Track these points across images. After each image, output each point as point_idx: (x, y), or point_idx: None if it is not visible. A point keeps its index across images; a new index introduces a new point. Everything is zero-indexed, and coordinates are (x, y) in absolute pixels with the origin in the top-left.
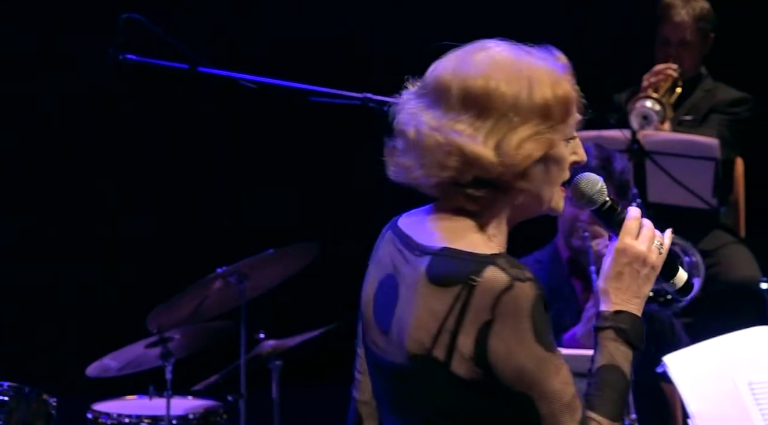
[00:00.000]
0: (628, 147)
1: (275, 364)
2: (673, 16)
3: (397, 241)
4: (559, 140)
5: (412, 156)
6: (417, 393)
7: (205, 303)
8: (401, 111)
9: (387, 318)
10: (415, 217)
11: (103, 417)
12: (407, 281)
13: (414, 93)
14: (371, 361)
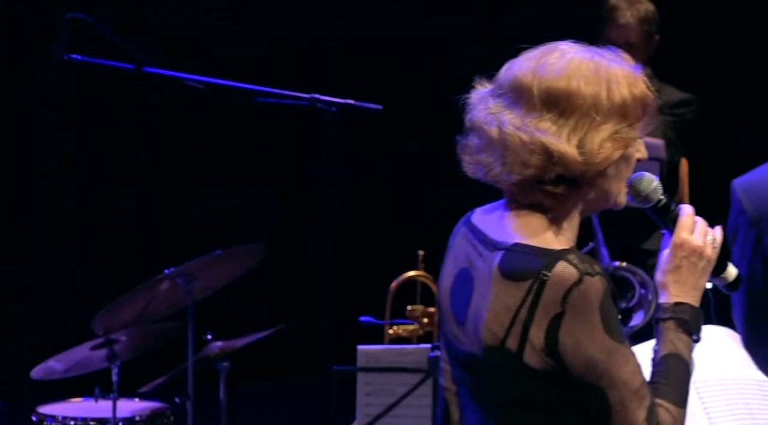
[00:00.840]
0: None
1: (223, 365)
2: (617, 18)
3: (471, 236)
4: (634, 139)
5: (493, 154)
6: (491, 383)
7: (151, 304)
8: (475, 109)
9: (463, 311)
10: (489, 213)
11: (48, 419)
12: (481, 276)
13: (488, 93)
14: (450, 351)
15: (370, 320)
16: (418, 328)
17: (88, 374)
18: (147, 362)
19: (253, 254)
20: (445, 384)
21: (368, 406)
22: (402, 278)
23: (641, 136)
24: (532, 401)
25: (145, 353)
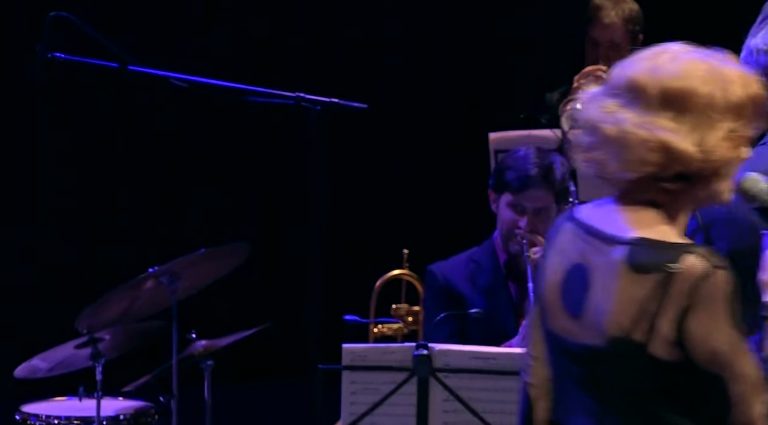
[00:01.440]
0: (558, 147)
1: (207, 364)
2: (602, 18)
3: (581, 232)
4: (748, 138)
5: (609, 151)
6: (614, 374)
7: (136, 303)
8: (588, 109)
9: (578, 304)
10: (597, 209)
11: (32, 418)
12: (601, 270)
13: (602, 93)
14: (555, 345)
15: (355, 318)
16: (403, 326)
17: (72, 372)
18: (131, 360)
19: (237, 253)
20: (531, 380)
21: (353, 404)
22: (386, 277)
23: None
24: (656, 391)
25: (129, 351)
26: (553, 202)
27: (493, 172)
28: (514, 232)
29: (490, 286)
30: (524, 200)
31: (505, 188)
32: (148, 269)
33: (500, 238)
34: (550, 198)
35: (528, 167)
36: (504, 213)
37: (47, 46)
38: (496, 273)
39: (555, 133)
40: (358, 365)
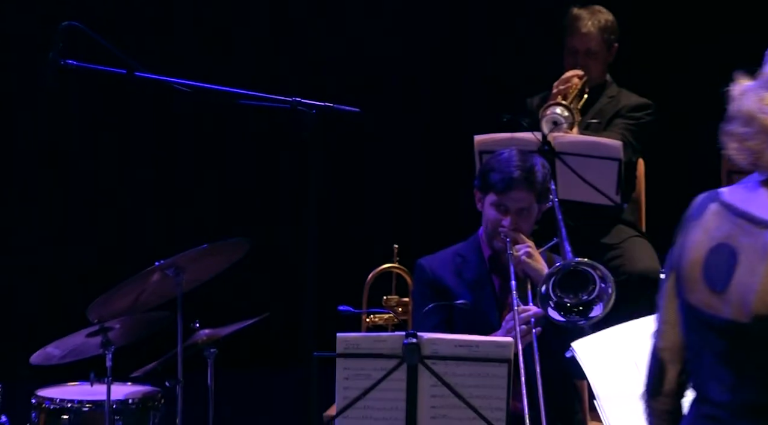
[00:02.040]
0: (539, 148)
1: (210, 352)
2: (580, 28)
3: (728, 214)
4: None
5: (765, 141)
6: (756, 350)
7: (143, 295)
8: (742, 100)
9: (722, 281)
10: (745, 193)
11: (47, 402)
12: (750, 251)
13: (757, 85)
14: (692, 316)
15: (348, 309)
16: (393, 317)
17: (84, 359)
18: (139, 348)
19: (238, 248)
20: (662, 344)
21: (346, 389)
22: (378, 270)
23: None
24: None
25: (137, 340)
26: (534, 202)
27: (479, 173)
28: (498, 230)
29: (475, 280)
30: (507, 201)
31: (490, 189)
32: (154, 263)
33: (485, 235)
34: (531, 199)
35: (511, 169)
36: (488, 212)
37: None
38: (480, 268)
39: (535, 135)
40: (352, 353)
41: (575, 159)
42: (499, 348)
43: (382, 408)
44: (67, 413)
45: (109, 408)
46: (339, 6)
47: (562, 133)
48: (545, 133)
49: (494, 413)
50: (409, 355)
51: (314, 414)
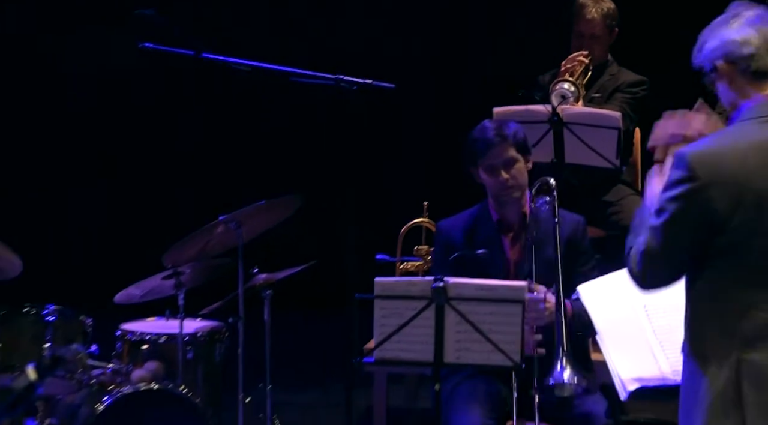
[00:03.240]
0: (549, 119)
1: (267, 293)
2: (585, 14)
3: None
4: None
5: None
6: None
7: (209, 244)
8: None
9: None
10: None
11: (129, 334)
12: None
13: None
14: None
15: (384, 257)
16: (423, 264)
17: (160, 299)
18: (206, 289)
19: (290, 204)
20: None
21: (383, 326)
22: (410, 224)
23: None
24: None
25: (204, 282)
26: (516, 153)
27: (463, 154)
28: (502, 193)
29: (485, 241)
30: (492, 160)
31: (476, 158)
32: (218, 217)
33: (493, 201)
34: (512, 151)
35: (485, 133)
36: (485, 179)
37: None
38: (490, 230)
39: (546, 107)
40: (387, 295)
41: (580, 128)
42: (513, 290)
43: (413, 342)
44: (147, 343)
45: (182, 339)
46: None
47: (569, 105)
48: (554, 105)
49: (510, 346)
50: (437, 297)
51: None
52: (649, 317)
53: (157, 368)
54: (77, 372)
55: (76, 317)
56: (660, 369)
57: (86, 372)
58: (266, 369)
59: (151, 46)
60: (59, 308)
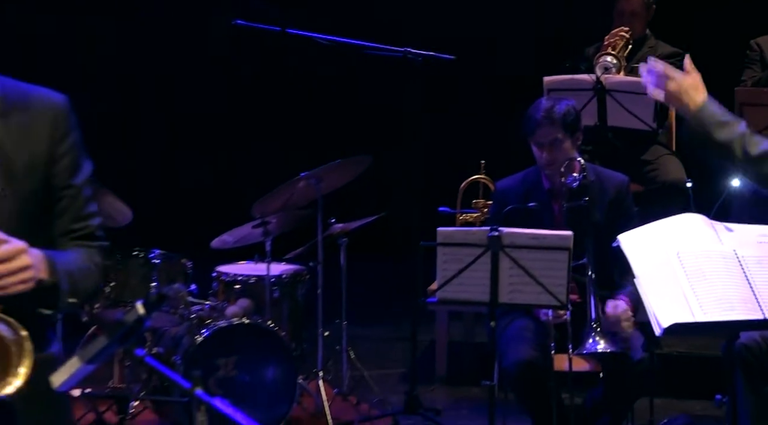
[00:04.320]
0: (593, 87)
1: (342, 241)
2: None
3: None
4: None
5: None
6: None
7: (293, 197)
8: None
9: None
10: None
11: (223, 275)
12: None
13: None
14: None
15: (446, 210)
16: (480, 215)
17: (250, 245)
18: (290, 237)
19: (363, 162)
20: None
21: (444, 271)
22: (469, 180)
23: None
24: None
25: (288, 231)
26: (561, 134)
27: (522, 125)
28: (544, 168)
29: (538, 204)
30: (539, 138)
31: (528, 135)
32: (300, 174)
33: (542, 172)
34: (556, 132)
35: (536, 113)
36: (534, 152)
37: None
38: (541, 195)
39: (591, 77)
40: (449, 242)
41: (621, 95)
42: (561, 239)
43: (471, 284)
44: (239, 284)
45: (269, 281)
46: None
47: (611, 75)
48: (598, 75)
49: (557, 288)
50: (492, 244)
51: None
52: (682, 264)
53: (248, 305)
54: (179, 307)
55: (178, 261)
56: (691, 310)
57: (187, 307)
58: (342, 307)
59: (243, 23)
60: (163, 252)
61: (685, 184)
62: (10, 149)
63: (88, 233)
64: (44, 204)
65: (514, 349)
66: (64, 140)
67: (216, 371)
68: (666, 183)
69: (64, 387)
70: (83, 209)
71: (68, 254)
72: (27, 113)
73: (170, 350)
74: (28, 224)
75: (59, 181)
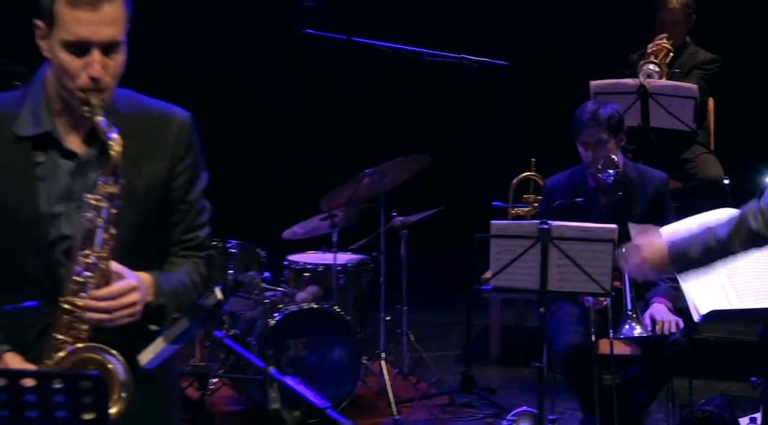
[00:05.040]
0: (637, 90)
1: (403, 232)
2: (668, 4)
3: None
4: None
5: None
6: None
7: (357, 192)
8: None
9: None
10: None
11: (294, 264)
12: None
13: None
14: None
15: (499, 204)
16: (530, 210)
17: (318, 236)
18: (355, 229)
19: (421, 160)
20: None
21: (498, 260)
22: (520, 176)
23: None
24: None
25: (353, 223)
26: (605, 135)
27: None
28: (589, 166)
29: (585, 197)
30: (584, 138)
31: (575, 135)
32: (364, 171)
33: (587, 171)
34: (600, 133)
35: (582, 115)
36: (580, 152)
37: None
38: (586, 191)
39: (635, 81)
40: (501, 234)
41: (664, 98)
42: (607, 232)
43: (522, 273)
44: (308, 271)
45: (335, 269)
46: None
47: (654, 80)
48: (641, 81)
49: (602, 277)
50: (542, 237)
51: (475, 277)
52: None
53: (316, 291)
54: (254, 293)
55: (252, 250)
56: (728, 299)
57: (261, 293)
58: (403, 294)
59: (312, 32)
60: (240, 242)
61: (723, 181)
62: (133, 168)
63: (197, 244)
64: (160, 218)
65: (563, 334)
66: (185, 158)
67: (287, 351)
68: (704, 180)
69: (150, 365)
70: (195, 221)
71: (175, 273)
72: (150, 130)
73: (246, 332)
74: (144, 236)
75: (176, 196)
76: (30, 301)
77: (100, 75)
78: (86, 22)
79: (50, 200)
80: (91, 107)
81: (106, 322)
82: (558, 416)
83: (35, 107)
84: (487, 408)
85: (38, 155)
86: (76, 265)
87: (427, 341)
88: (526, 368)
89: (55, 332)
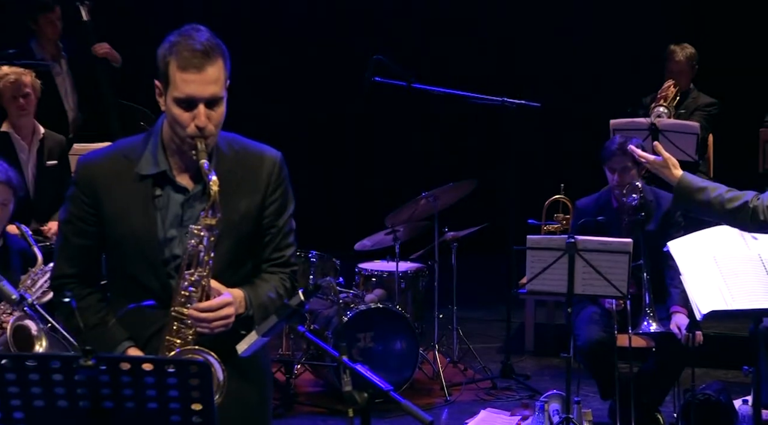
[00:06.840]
0: (649, 127)
1: (454, 245)
2: (674, 57)
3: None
4: None
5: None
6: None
7: (416, 211)
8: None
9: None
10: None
11: (364, 271)
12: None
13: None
14: None
15: (533, 221)
16: (560, 227)
17: (383, 248)
18: (414, 242)
19: (470, 185)
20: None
21: (532, 268)
22: (551, 199)
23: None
24: None
25: (413, 237)
26: (630, 163)
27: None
28: (615, 189)
29: (609, 218)
30: (612, 164)
31: (604, 161)
32: (421, 193)
33: (612, 193)
34: (626, 161)
35: (611, 145)
36: (607, 176)
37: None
38: (610, 212)
39: (647, 120)
40: (536, 247)
41: (671, 134)
42: (623, 245)
43: (553, 280)
44: (375, 277)
45: (398, 275)
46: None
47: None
48: (652, 121)
49: (619, 283)
50: (569, 249)
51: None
52: (718, 264)
53: (382, 294)
54: (330, 295)
55: (329, 259)
56: (725, 300)
57: (336, 295)
58: (453, 296)
59: (379, 80)
60: (318, 253)
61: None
62: (231, 202)
63: (283, 262)
64: (253, 241)
65: (586, 331)
66: (276, 191)
67: (357, 343)
68: None
69: (246, 354)
70: (282, 242)
71: (263, 287)
72: (247, 168)
73: (323, 327)
74: (239, 257)
75: (267, 222)
76: (148, 301)
77: (204, 124)
78: (193, 82)
79: (165, 226)
80: (197, 152)
81: (205, 330)
82: (582, 398)
83: (154, 150)
84: (523, 391)
85: (156, 189)
86: (183, 281)
87: (473, 335)
88: (555, 358)
89: (167, 335)
